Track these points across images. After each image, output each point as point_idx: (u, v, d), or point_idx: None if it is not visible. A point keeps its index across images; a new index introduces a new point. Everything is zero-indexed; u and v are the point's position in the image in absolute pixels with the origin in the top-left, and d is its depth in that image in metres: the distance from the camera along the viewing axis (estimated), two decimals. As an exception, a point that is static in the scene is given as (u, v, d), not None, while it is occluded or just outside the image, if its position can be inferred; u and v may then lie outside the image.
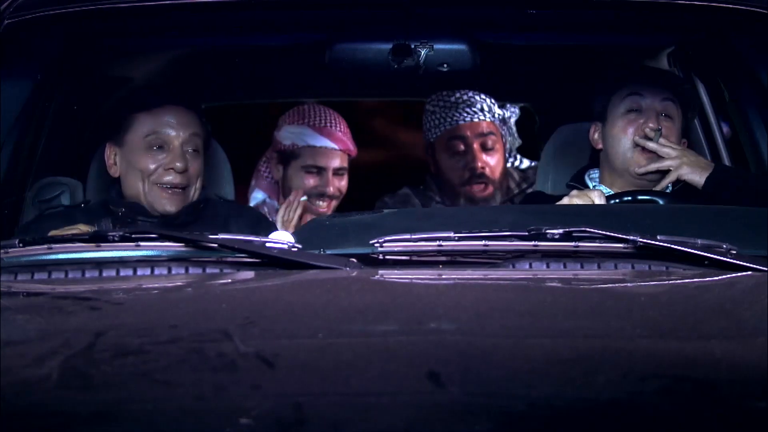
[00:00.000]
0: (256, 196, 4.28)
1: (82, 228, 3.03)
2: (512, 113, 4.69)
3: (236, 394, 1.60)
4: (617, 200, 3.35)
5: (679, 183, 3.44)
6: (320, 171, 4.11)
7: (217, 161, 3.76)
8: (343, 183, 4.15)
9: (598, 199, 3.12)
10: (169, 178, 3.32)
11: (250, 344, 1.78)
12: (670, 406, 1.57)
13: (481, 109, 4.27)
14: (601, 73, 3.73)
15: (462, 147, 4.26)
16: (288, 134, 4.18)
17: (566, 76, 4.31)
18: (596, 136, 3.61)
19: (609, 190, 3.47)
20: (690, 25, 3.55)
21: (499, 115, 4.34)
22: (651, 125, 3.48)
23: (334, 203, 4.13)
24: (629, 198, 3.38)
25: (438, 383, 1.61)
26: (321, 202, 4.10)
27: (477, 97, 4.29)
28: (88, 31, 3.42)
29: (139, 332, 1.89)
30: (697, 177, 3.37)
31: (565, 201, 3.13)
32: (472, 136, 4.26)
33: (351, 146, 4.19)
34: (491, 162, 4.26)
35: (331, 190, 4.10)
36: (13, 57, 3.13)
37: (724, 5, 3.17)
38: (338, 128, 4.17)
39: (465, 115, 4.28)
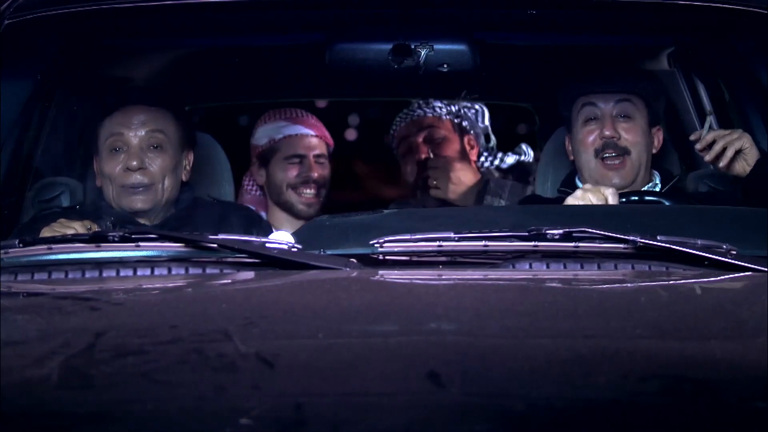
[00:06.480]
0: None
1: (77, 227, 3.04)
2: (473, 112, 4.63)
3: (236, 395, 1.60)
4: (623, 200, 3.34)
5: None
6: (302, 159, 4.16)
7: (217, 161, 3.76)
8: (326, 172, 4.19)
9: (612, 196, 3.07)
10: (130, 179, 3.32)
11: (250, 344, 1.78)
12: (670, 406, 1.57)
13: (419, 106, 4.33)
14: (565, 81, 3.73)
15: (408, 146, 4.32)
16: (263, 134, 4.23)
17: (566, 76, 4.30)
18: (570, 147, 3.61)
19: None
20: (690, 25, 3.55)
21: (449, 112, 4.34)
22: (607, 133, 3.47)
23: (322, 192, 4.16)
24: (635, 198, 3.36)
25: (438, 384, 1.61)
26: (308, 191, 4.13)
27: (417, 103, 4.36)
28: (87, 31, 3.42)
29: (139, 332, 1.89)
30: (755, 151, 3.25)
31: (578, 194, 3.09)
32: (415, 131, 4.31)
33: (327, 134, 4.23)
34: (441, 153, 4.28)
35: (315, 175, 4.14)
36: (13, 57, 3.13)
37: (724, 5, 3.17)
38: (311, 118, 4.24)
39: (404, 116, 4.36)
